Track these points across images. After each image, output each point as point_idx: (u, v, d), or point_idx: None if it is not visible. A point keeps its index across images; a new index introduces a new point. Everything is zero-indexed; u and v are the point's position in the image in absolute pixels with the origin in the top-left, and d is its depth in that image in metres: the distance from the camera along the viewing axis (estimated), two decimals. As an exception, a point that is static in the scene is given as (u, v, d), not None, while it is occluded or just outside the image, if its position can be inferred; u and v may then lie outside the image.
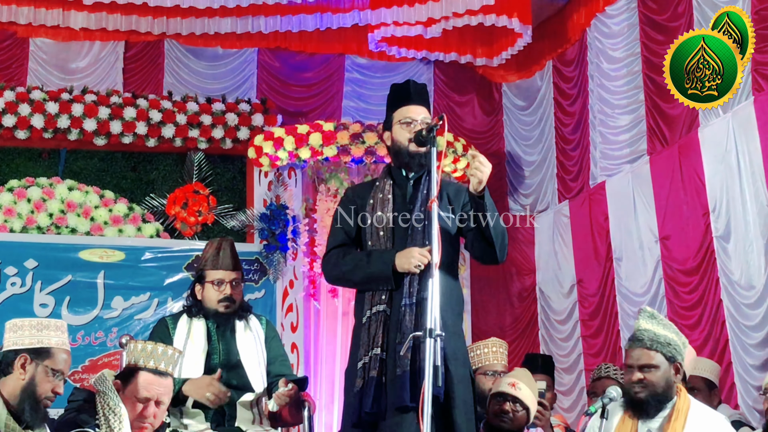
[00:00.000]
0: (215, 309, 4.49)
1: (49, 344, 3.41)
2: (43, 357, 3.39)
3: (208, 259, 4.55)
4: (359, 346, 3.83)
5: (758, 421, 5.55)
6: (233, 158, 8.29)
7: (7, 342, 3.42)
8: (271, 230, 7.75)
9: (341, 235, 4.01)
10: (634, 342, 3.91)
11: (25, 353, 3.37)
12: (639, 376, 3.85)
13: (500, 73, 8.95)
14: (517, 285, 8.74)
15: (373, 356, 3.75)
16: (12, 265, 7.36)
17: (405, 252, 3.77)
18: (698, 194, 6.44)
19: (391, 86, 4.17)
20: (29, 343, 3.38)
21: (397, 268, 3.77)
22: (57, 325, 3.46)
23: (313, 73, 8.78)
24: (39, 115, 7.75)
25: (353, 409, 3.78)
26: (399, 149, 3.96)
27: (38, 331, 3.40)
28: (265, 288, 7.78)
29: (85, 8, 7.99)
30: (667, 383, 3.87)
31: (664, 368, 3.87)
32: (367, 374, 3.74)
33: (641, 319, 3.96)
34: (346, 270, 3.91)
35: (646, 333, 3.90)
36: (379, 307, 3.82)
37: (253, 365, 4.46)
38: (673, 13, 6.78)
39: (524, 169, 8.87)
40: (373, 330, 3.79)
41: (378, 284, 3.83)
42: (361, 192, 4.07)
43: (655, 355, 3.87)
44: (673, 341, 3.93)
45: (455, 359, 3.80)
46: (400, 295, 3.77)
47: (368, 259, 3.85)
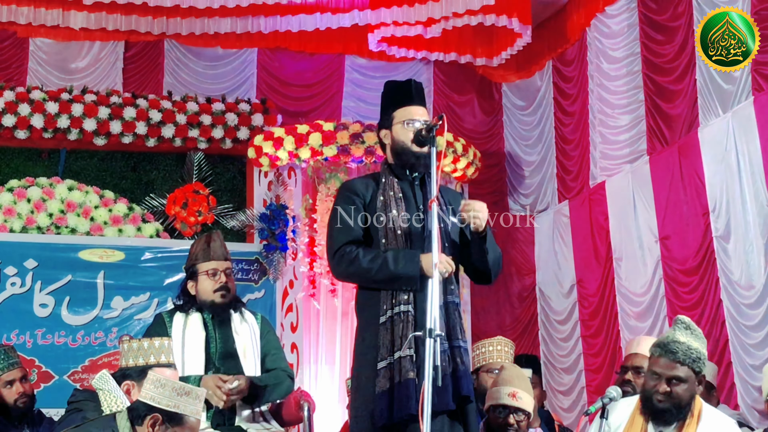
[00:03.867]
0: (211, 300, 4.51)
1: (185, 412, 3.40)
2: (174, 423, 3.39)
3: (198, 253, 4.57)
4: (378, 347, 3.76)
5: (758, 421, 5.55)
6: (233, 158, 8.29)
7: (144, 393, 3.43)
8: (271, 230, 7.75)
9: (354, 231, 3.93)
10: (667, 353, 3.84)
11: (158, 414, 3.38)
12: (666, 389, 3.81)
13: (500, 73, 8.95)
14: (517, 285, 8.74)
15: (403, 357, 3.68)
16: (12, 265, 7.35)
17: (431, 256, 3.68)
18: (698, 194, 6.44)
19: (387, 83, 4.13)
20: (166, 405, 3.38)
21: (425, 271, 3.72)
22: (197, 394, 3.44)
23: (313, 73, 8.77)
24: (39, 115, 7.75)
25: (380, 411, 3.69)
26: (402, 149, 3.94)
27: (178, 396, 3.39)
28: (265, 288, 7.78)
29: (85, 8, 7.98)
30: (691, 396, 3.86)
31: (691, 382, 3.84)
32: (399, 375, 3.67)
33: (677, 331, 3.88)
34: (368, 267, 3.81)
35: (680, 346, 3.83)
36: (402, 308, 3.76)
37: (248, 356, 4.50)
38: (673, 13, 6.79)
39: (524, 169, 8.87)
40: (399, 330, 3.73)
41: (402, 284, 3.77)
42: (363, 188, 4.00)
43: (685, 369, 3.82)
44: (703, 355, 3.88)
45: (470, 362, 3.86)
46: (423, 296, 3.69)
47: (394, 259, 3.79)
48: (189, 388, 3.42)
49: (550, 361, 8.23)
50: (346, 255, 3.87)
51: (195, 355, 4.44)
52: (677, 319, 3.96)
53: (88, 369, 7.28)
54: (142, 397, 3.41)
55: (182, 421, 3.40)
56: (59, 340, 7.33)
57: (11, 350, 5.40)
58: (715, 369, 5.55)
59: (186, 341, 4.44)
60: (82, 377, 7.21)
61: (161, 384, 3.40)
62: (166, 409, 3.38)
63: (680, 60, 6.69)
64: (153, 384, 3.41)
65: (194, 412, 3.42)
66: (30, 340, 7.23)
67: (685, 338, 3.85)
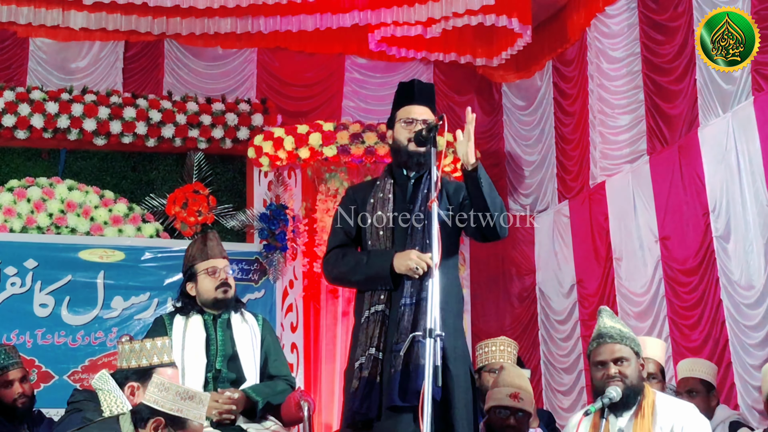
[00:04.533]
0: (213, 297, 4.51)
1: (188, 416, 3.40)
2: (177, 427, 3.39)
3: (195, 253, 4.57)
4: (357, 346, 3.84)
5: (758, 422, 5.55)
6: (233, 158, 8.29)
7: (148, 396, 3.43)
8: (271, 230, 7.75)
9: (341, 235, 4.02)
10: (603, 339, 3.93)
11: (161, 417, 3.38)
12: (615, 370, 3.86)
13: (500, 73, 8.95)
14: (517, 285, 8.74)
15: (368, 356, 3.75)
16: (12, 265, 7.35)
17: (403, 254, 3.77)
18: (698, 194, 6.44)
19: (398, 84, 4.17)
20: (169, 409, 3.38)
21: (395, 269, 3.77)
22: (201, 398, 3.44)
23: (313, 73, 8.77)
24: (39, 115, 7.74)
25: (348, 409, 3.80)
26: (399, 148, 3.97)
27: (182, 400, 3.38)
28: (265, 288, 7.78)
29: (85, 8, 7.98)
30: (639, 376, 3.91)
31: (634, 361, 3.91)
32: (366, 374, 3.74)
33: (605, 318, 3.99)
34: (345, 270, 3.91)
35: (613, 329, 3.93)
36: (377, 307, 3.82)
37: (248, 357, 4.49)
38: (673, 13, 6.78)
39: (524, 169, 8.87)
40: (371, 330, 3.79)
41: (377, 284, 3.83)
42: (362, 192, 4.07)
43: (626, 349, 3.91)
44: (635, 337, 3.99)
45: (454, 358, 3.80)
46: (399, 295, 3.77)
47: (367, 260, 3.85)
48: (193, 393, 3.42)
49: (550, 361, 8.22)
50: (331, 259, 3.98)
51: (195, 358, 4.44)
52: (600, 309, 4.07)
53: (88, 369, 7.28)
54: (146, 400, 3.41)
55: (185, 425, 3.40)
56: (59, 340, 7.33)
57: (12, 350, 5.40)
58: (715, 369, 5.54)
59: (186, 343, 4.44)
60: (82, 377, 7.21)
61: (165, 387, 3.41)
62: (170, 413, 3.37)
63: (680, 60, 6.69)
64: (157, 387, 3.41)
65: (197, 416, 3.42)
66: (30, 340, 7.23)
67: (613, 323, 3.97)
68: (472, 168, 3.75)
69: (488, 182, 3.81)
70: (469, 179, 3.77)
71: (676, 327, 6.56)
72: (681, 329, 6.53)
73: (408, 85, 4.08)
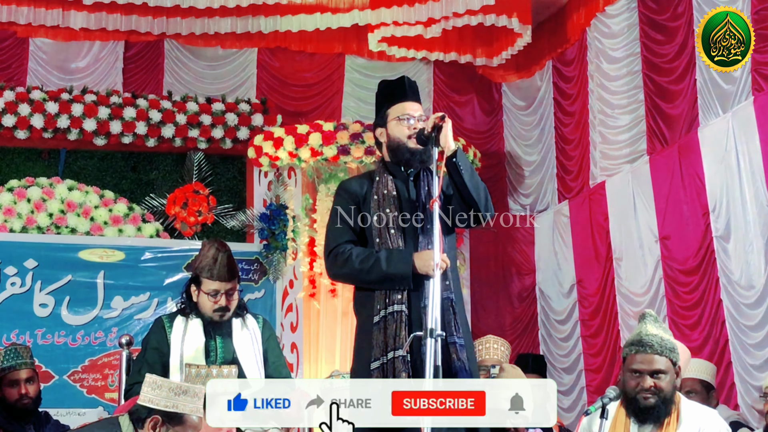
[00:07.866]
0: (210, 316, 4.49)
1: (183, 411, 3.41)
2: (175, 422, 3.41)
3: (204, 266, 4.49)
4: (371, 347, 3.75)
5: (758, 422, 5.55)
6: (233, 158, 8.29)
7: (143, 396, 3.43)
8: (271, 230, 7.75)
9: (347, 233, 3.92)
10: (644, 348, 3.83)
11: (158, 415, 3.39)
12: (650, 384, 3.79)
13: (500, 73, 8.95)
14: (517, 285, 8.74)
15: (398, 358, 3.67)
16: (12, 265, 7.35)
17: (423, 254, 3.71)
18: (698, 194, 6.44)
19: (381, 83, 4.11)
20: (164, 406, 3.39)
21: (417, 269, 3.71)
22: (195, 391, 3.44)
23: (313, 73, 8.78)
24: (39, 115, 7.75)
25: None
26: (398, 146, 3.92)
27: (176, 396, 3.41)
28: (264, 288, 7.78)
29: (85, 8, 7.98)
30: (673, 388, 3.85)
31: (671, 373, 3.84)
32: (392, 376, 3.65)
33: (648, 324, 3.89)
34: (359, 268, 3.80)
35: (655, 338, 3.83)
36: (395, 307, 3.74)
37: (250, 363, 4.47)
38: (673, 13, 6.78)
39: (524, 169, 8.87)
40: (392, 330, 3.72)
41: (395, 284, 3.76)
42: (358, 187, 3.98)
43: (664, 360, 3.82)
44: (676, 346, 3.90)
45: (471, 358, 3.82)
46: (418, 295, 3.71)
47: (386, 259, 3.77)
48: (186, 387, 3.42)
49: (550, 361, 8.21)
50: (339, 255, 3.86)
51: (195, 362, 4.42)
52: (645, 313, 3.97)
53: (88, 369, 7.29)
54: (141, 400, 3.41)
55: (182, 420, 3.40)
56: (59, 340, 7.34)
57: (24, 350, 5.37)
58: (714, 369, 5.54)
59: (185, 347, 4.42)
60: (82, 377, 7.22)
61: (158, 385, 3.41)
62: (165, 410, 3.37)
63: (680, 60, 6.69)
64: (150, 386, 3.41)
65: (194, 410, 3.41)
66: (30, 340, 7.22)
67: (656, 330, 3.87)
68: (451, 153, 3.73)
69: (467, 164, 3.80)
70: (449, 163, 3.75)
71: (676, 327, 6.56)
72: (681, 329, 6.52)
73: (398, 83, 4.02)
